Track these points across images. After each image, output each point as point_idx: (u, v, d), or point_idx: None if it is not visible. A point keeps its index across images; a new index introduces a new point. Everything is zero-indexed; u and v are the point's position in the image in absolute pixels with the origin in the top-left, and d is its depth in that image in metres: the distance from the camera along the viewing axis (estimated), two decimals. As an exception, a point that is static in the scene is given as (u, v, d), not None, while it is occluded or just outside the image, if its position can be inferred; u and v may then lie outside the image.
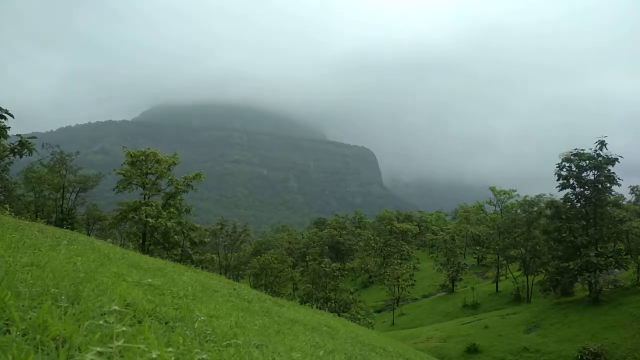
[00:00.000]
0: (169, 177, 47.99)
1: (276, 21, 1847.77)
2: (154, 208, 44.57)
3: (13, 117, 32.87)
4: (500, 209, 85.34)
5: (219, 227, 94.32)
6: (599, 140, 50.91)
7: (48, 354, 2.50)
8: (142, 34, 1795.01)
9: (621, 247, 50.14)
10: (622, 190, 59.89)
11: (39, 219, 39.50)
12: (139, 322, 4.17)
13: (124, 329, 2.90)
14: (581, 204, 52.11)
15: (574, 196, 52.40)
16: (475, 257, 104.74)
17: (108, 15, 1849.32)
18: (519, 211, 74.68)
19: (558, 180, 52.26)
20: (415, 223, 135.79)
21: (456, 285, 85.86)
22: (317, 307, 53.35)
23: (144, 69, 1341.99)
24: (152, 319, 4.70)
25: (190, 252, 51.87)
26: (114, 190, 46.73)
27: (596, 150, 50.68)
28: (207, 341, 4.49)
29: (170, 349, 2.98)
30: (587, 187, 51.28)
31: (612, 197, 52.39)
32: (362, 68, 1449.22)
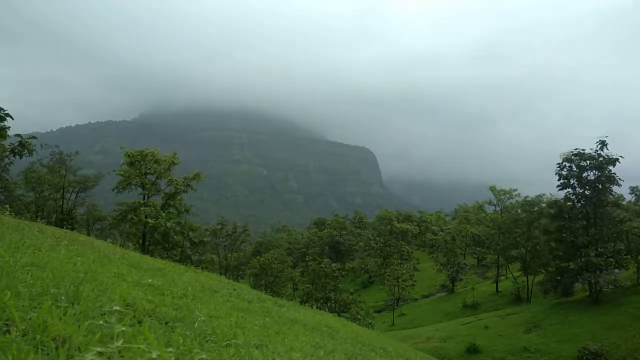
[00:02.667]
0: (169, 177, 47.97)
1: (284, 34, 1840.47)
2: (152, 208, 44.57)
3: (12, 119, 32.86)
4: (501, 209, 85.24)
5: (219, 227, 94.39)
6: (599, 140, 50.89)
7: (48, 354, 2.50)
8: (143, 35, 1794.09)
9: (621, 247, 50.13)
10: (622, 190, 59.77)
11: (39, 219, 39.44)
12: (139, 322, 4.17)
13: (124, 329, 2.90)
14: (582, 204, 52.09)
15: (574, 196, 52.40)
16: (475, 257, 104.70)
17: (108, 15, 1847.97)
18: (519, 211, 74.64)
19: (559, 180, 52.27)
20: (415, 223, 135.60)
21: (456, 286, 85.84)
22: (317, 307, 53.31)
23: (143, 70, 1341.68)
24: (152, 319, 4.70)
25: (190, 252, 51.89)
26: (113, 190, 46.73)
27: (597, 151, 50.66)
28: (207, 341, 4.49)
29: (170, 349, 2.98)
30: (587, 187, 51.26)
31: (612, 198, 52.36)
32: (369, 87, 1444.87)
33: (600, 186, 50.34)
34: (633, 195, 68.13)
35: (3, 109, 32.17)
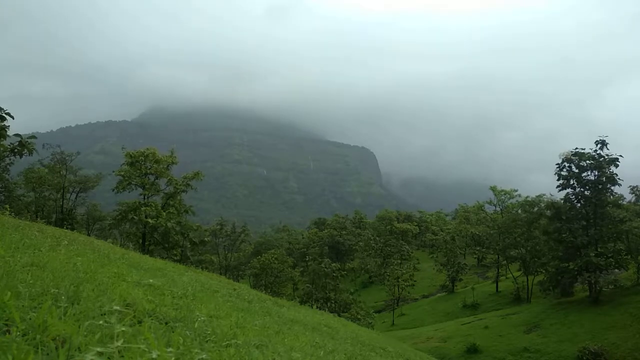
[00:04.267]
0: (168, 177, 48.03)
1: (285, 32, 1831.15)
2: (153, 208, 44.62)
3: (13, 118, 32.92)
4: (501, 209, 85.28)
5: (218, 227, 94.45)
6: (599, 140, 50.86)
7: (48, 354, 2.50)
8: (143, 35, 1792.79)
9: (621, 247, 50.09)
10: (622, 190, 59.72)
11: (39, 219, 39.43)
12: (139, 322, 4.17)
13: (124, 329, 2.91)
14: (581, 204, 52.08)
15: (574, 196, 52.38)
16: (475, 257, 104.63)
17: (107, 16, 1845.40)
18: (519, 211, 74.65)
19: (558, 180, 52.25)
20: (416, 223, 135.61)
21: (456, 286, 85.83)
22: (317, 307, 53.29)
23: (144, 70, 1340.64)
24: (152, 319, 4.71)
25: (190, 252, 51.93)
26: (113, 190, 46.77)
27: (596, 151, 50.65)
28: (207, 341, 4.50)
29: (170, 349, 2.98)
30: (587, 187, 51.25)
31: (612, 198, 52.33)
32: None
33: (600, 186, 50.32)
34: (633, 195, 68.12)
35: (3, 109, 32.22)
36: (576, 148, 51.98)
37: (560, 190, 53.14)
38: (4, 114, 32.08)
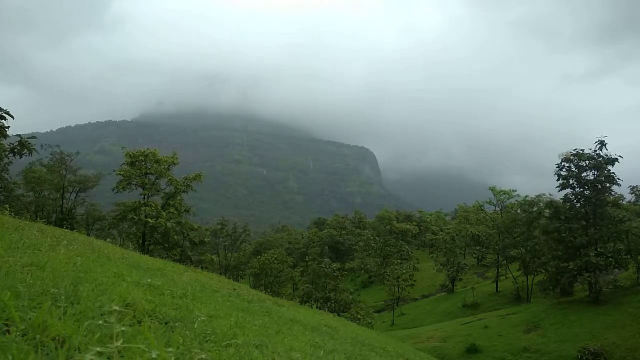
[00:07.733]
0: (169, 178, 48.08)
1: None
2: (153, 208, 44.65)
3: (13, 118, 32.94)
4: (501, 209, 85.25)
5: (219, 227, 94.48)
6: (599, 140, 50.90)
7: (48, 354, 2.50)
8: (143, 36, 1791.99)
9: (621, 247, 50.11)
10: (622, 190, 59.68)
11: (39, 219, 39.51)
12: (139, 322, 4.17)
13: (124, 329, 2.91)
14: (581, 204, 52.10)
15: (573, 196, 52.40)
16: (475, 257, 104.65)
17: (108, 17, 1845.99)
18: (519, 211, 74.65)
19: (558, 180, 52.29)
20: (415, 223, 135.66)
21: (456, 286, 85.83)
22: (317, 308, 53.17)
23: (143, 70, 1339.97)
24: (152, 319, 4.71)
25: (190, 252, 51.97)
26: (113, 190, 46.78)
27: (596, 151, 50.69)
28: (207, 341, 4.50)
29: (170, 349, 2.98)
30: (587, 187, 51.28)
31: (612, 198, 52.38)
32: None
33: (599, 186, 50.35)
34: (633, 195, 68.15)
35: (3, 109, 32.24)
36: (576, 149, 52.10)
37: (560, 191, 53.22)
38: (4, 114, 32.09)
